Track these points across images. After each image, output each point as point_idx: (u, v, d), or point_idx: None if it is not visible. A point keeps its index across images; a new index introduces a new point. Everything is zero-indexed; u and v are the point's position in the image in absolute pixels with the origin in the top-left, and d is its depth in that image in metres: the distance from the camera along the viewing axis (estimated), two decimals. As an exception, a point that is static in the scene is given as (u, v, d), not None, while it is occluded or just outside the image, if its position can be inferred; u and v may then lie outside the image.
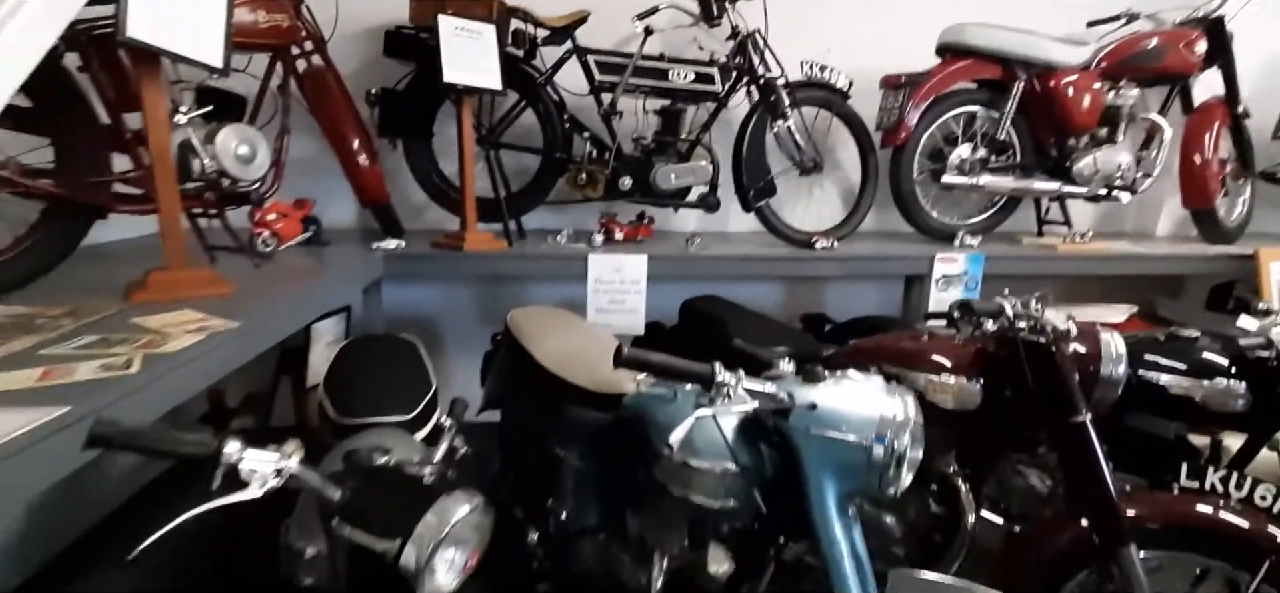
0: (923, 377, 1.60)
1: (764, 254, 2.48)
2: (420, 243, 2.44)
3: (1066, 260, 2.65)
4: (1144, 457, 1.89)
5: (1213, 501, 1.38)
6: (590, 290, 2.38)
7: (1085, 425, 1.39)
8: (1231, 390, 1.64)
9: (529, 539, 1.86)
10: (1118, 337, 1.43)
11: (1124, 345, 1.41)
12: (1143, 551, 1.40)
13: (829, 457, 1.04)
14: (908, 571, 1.13)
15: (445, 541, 0.85)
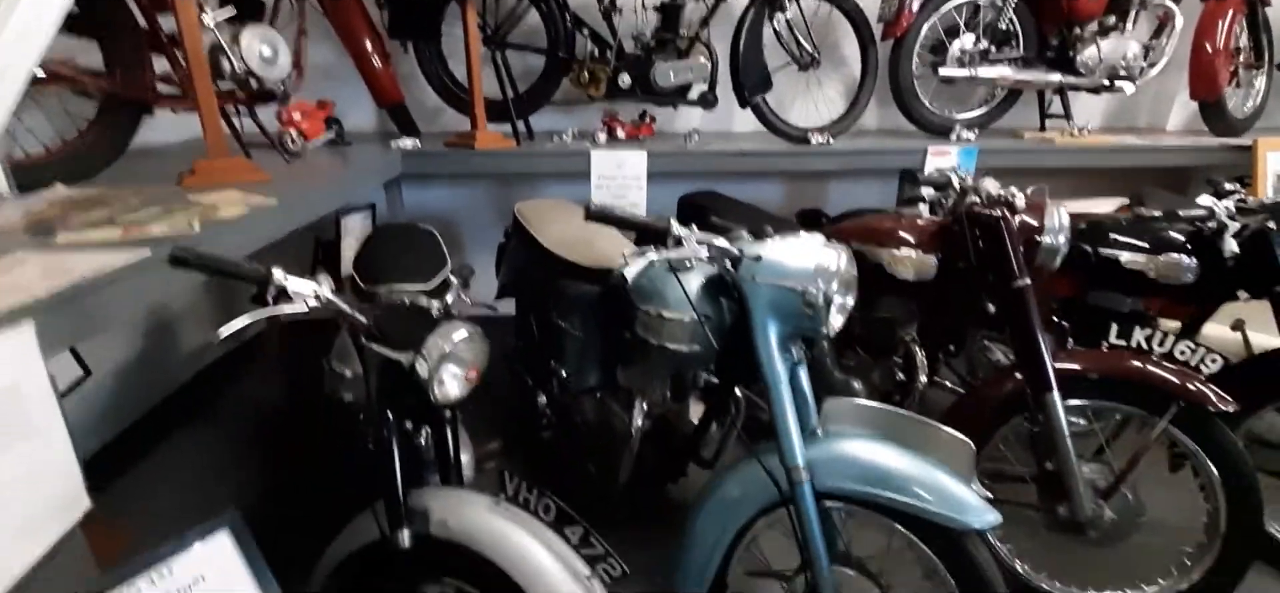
0: (886, 252, 1.77)
1: (761, 149, 2.61)
2: (435, 144, 2.62)
3: (1064, 153, 2.71)
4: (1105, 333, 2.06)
5: (1134, 355, 1.55)
6: (594, 186, 2.55)
7: (1024, 289, 1.55)
8: (1180, 264, 1.77)
9: (538, 402, 2.14)
10: (1063, 209, 1.56)
11: (1067, 217, 1.54)
12: (1070, 400, 1.59)
13: (770, 301, 1.23)
14: (841, 398, 1.34)
15: (449, 356, 1.09)
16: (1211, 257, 1.74)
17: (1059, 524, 1.61)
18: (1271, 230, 1.65)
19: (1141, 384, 1.50)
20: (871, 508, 1.25)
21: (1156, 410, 1.51)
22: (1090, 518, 1.55)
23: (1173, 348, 1.54)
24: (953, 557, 1.22)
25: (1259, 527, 1.49)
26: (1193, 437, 1.51)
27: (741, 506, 1.33)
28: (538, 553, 1.05)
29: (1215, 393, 1.46)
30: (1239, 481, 1.49)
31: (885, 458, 1.23)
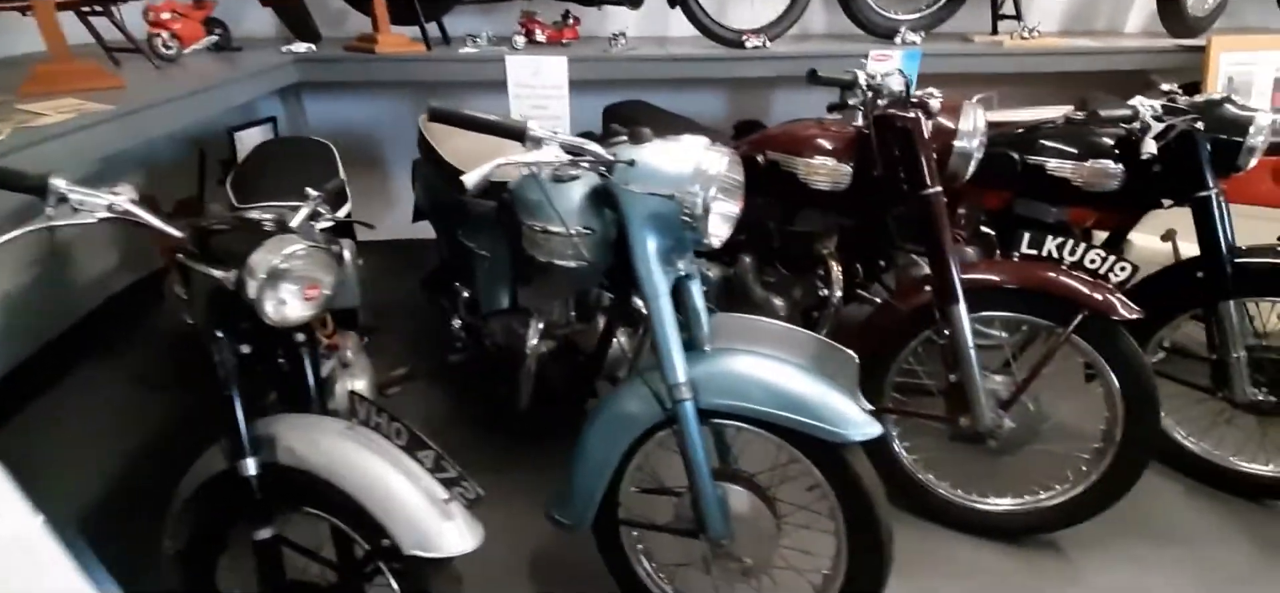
0: (801, 161, 1.70)
1: (691, 54, 2.48)
2: (338, 51, 2.43)
3: (1012, 58, 2.63)
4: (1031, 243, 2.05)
5: (1044, 265, 1.53)
6: (511, 96, 2.41)
7: (933, 197, 1.51)
8: (1105, 170, 1.74)
9: (452, 325, 2.09)
10: (979, 112, 1.49)
11: (983, 121, 1.48)
12: (983, 311, 1.58)
13: (646, 210, 1.17)
14: (729, 314, 1.31)
15: (282, 273, 1.01)
16: (1138, 163, 1.71)
17: (962, 435, 1.63)
18: (1197, 131, 1.61)
19: (1048, 295, 1.49)
20: (754, 424, 1.23)
21: (1063, 321, 1.51)
22: (990, 428, 1.57)
23: (1083, 257, 1.52)
24: (833, 470, 1.22)
25: (1154, 435, 1.52)
26: (1097, 346, 1.52)
27: (627, 425, 1.31)
28: (387, 476, 1.02)
29: (1121, 302, 1.46)
30: (1138, 389, 1.51)
31: (767, 373, 1.21)
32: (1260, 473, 1.82)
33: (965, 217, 1.96)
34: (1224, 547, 1.73)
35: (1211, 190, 1.62)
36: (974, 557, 1.70)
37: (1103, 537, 1.73)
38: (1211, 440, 1.90)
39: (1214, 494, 1.88)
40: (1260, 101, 2.60)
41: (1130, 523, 1.78)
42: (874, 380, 1.71)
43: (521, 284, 1.71)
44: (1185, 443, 1.91)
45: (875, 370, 1.70)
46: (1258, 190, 2.14)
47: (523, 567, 1.66)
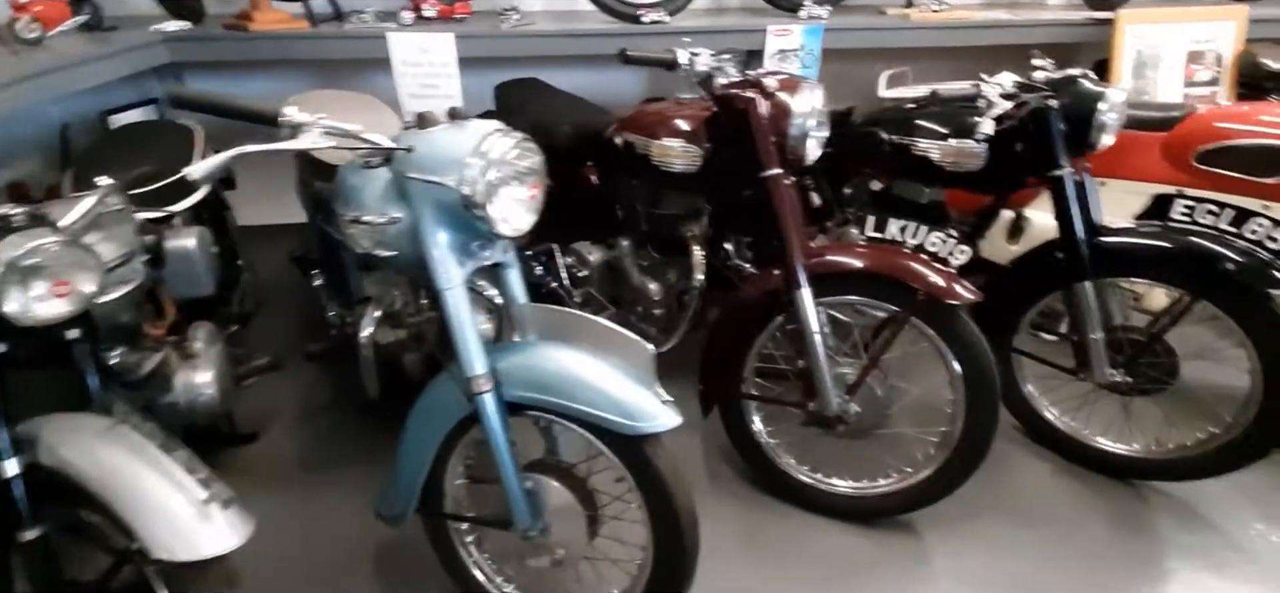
0: (653, 143, 1.68)
1: (586, 30, 2.42)
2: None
3: (920, 31, 2.59)
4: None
5: (886, 250, 1.52)
6: (397, 74, 2.36)
7: (772, 179, 1.49)
8: (966, 149, 1.72)
9: (329, 313, 2.07)
10: (817, 91, 1.46)
11: (821, 100, 1.45)
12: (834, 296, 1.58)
13: (429, 200, 1.15)
14: (542, 305, 1.29)
15: (21, 270, 0.99)
16: (1001, 142, 1.70)
17: (813, 420, 1.64)
18: (1049, 109, 1.60)
19: (888, 279, 1.49)
20: (558, 416, 1.23)
21: (904, 305, 1.50)
22: (838, 413, 1.58)
23: (924, 240, 1.51)
24: (633, 461, 1.22)
25: (993, 420, 1.52)
26: (937, 330, 1.52)
27: (438, 418, 1.30)
28: (140, 478, 1.01)
29: (960, 286, 1.45)
30: (977, 374, 1.51)
31: (570, 366, 1.20)
32: (1123, 452, 1.84)
33: (826, 196, 1.95)
34: (1080, 527, 1.76)
35: (1064, 170, 1.61)
36: (827, 539, 1.72)
37: (960, 518, 1.75)
38: (1080, 419, 1.92)
39: (1081, 473, 1.91)
40: (1170, 77, 2.59)
41: (991, 504, 1.81)
42: (733, 366, 1.71)
43: (366, 272, 1.69)
44: (1056, 422, 1.93)
45: (734, 356, 1.70)
46: (1148, 166, 2.14)
47: (365, 561, 1.66)
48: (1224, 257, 1.49)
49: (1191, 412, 1.82)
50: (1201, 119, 2.03)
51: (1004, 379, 1.98)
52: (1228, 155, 1.96)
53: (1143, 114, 2.12)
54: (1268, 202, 1.92)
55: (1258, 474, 1.83)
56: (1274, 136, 1.88)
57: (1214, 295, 1.55)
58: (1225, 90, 2.61)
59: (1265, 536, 1.73)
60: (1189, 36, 2.54)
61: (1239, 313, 1.53)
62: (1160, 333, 1.66)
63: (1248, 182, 1.93)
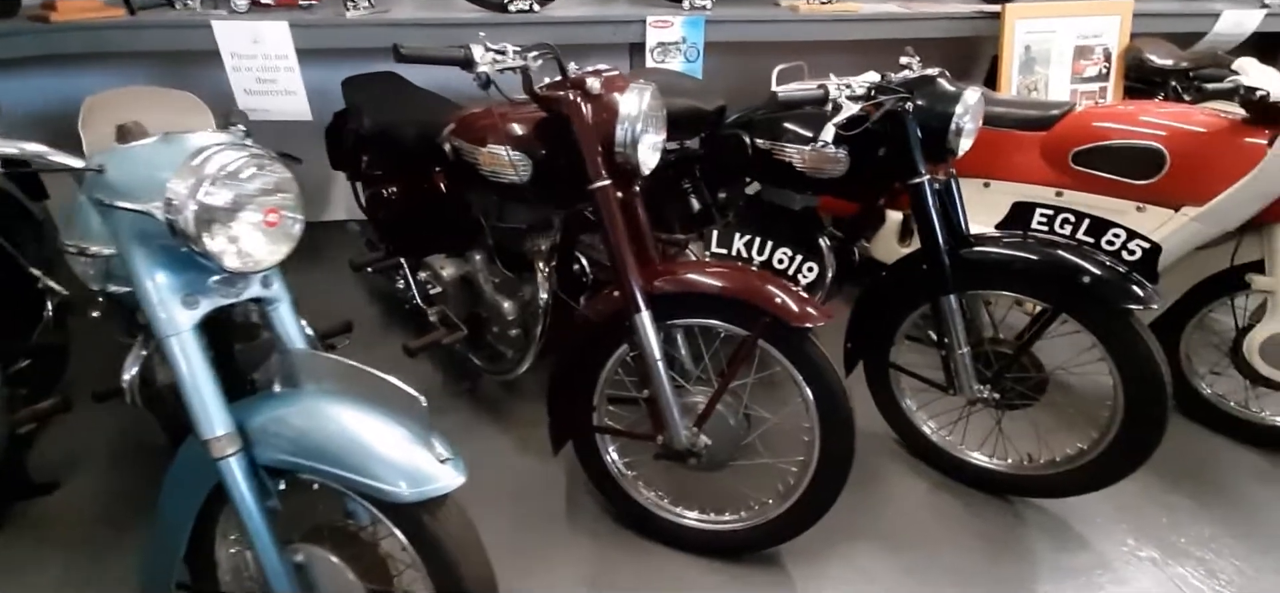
0: (478, 151, 1.51)
1: (443, 20, 2.23)
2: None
3: (809, 24, 2.48)
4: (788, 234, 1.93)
5: (728, 267, 1.39)
6: (229, 68, 2.12)
7: (602, 191, 1.34)
8: (827, 154, 1.61)
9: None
10: (646, 92, 1.32)
11: (650, 100, 1.31)
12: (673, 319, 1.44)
13: (133, 231, 0.96)
14: (307, 351, 1.11)
15: None
16: (863, 146, 1.59)
17: (665, 454, 1.50)
18: (905, 112, 1.50)
19: (730, 299, 1.36)
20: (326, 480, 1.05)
21: (752, 328, 1.38)
22: (687, 446, 1.45)
23: (771, 257, 1.39)
24: (414, 529, 1.06)
25: (849, 450, 1.42)
26: (787, 354, 1.40)
27: (189, 487, 1.11)
28: None
29: (808, 307, 1.34)
30: (829, 400, 1.40)
31: (332, 422, 1.03)
32: (998, 468, 1.78)
33: (705, 200, 1.83)
34: (951, 550, 1.68)
35: (923, 177, 1.52)
36: (683, 577, 1.59)
37: (829, 546, 1.66)
38: (957, 434, 1.85)
39: (958, 490, 1.84)
40: (1059, 72, 2.56)
41: (863, 529, 1.72)
42: (582, 396, 1.56)
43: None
44: (933, 437, 1.86)
45: (582, 385, 1.55)
46: (1028, 167, 2.09)
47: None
48: (1083, 269, 1.42)
49: (1066, 426, 1.78)
50: (1078, 118, 1.98)
51: (883, 393, 1.92)
52: (1103, 156, 1.91)
53: (1022, 113, 2.07)
54: (1142, 204, 1.90)
55: (1133, 487, 1.80)
56: (1148, 137, 1.84)
57: (1074, 309, 1.48)
58: (1113, 86, 2.60)
59: (1135, 552, 1.70)
60: (1076, 31, 2.51)
61: (1098, 328, 1.47)
62: (1026, 346, 1.59)
63: (1122, 183, 1.90)
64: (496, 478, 1.87)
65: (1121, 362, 1.46)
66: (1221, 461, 1.99)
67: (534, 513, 1.76)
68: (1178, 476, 1.92)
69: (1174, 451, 2.01)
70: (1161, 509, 1.82)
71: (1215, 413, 2.07)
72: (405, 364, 2.03)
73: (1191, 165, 1.75)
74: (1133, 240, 1.40)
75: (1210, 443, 2.05)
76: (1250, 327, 1.86)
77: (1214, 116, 1.78)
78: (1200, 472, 1.94)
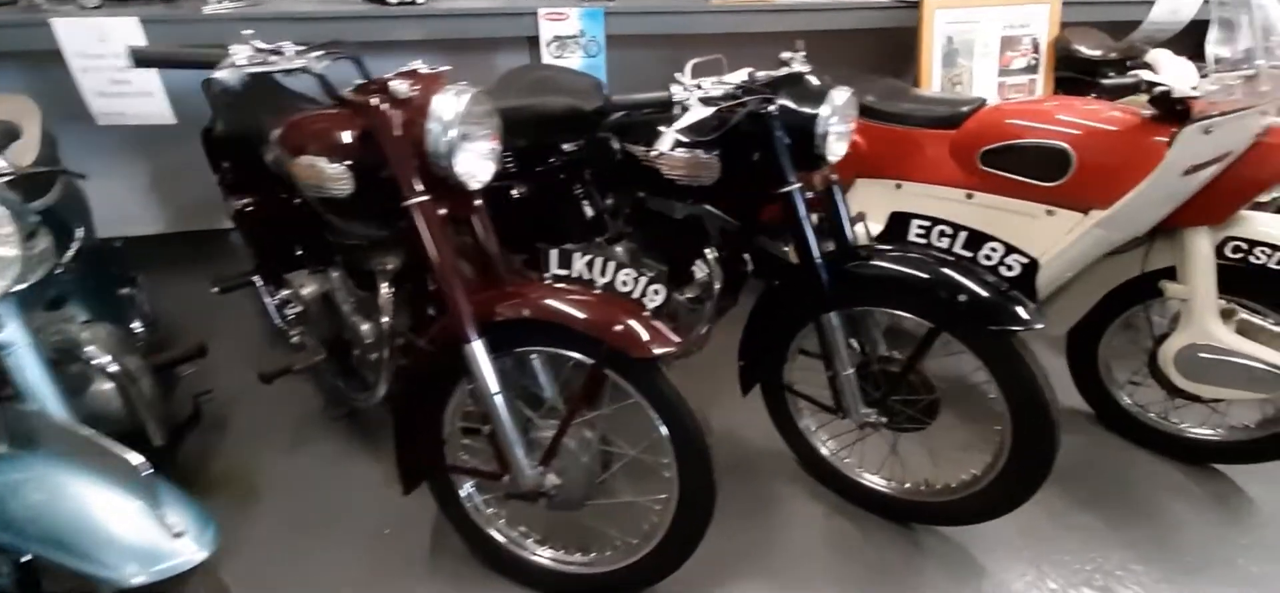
0: (293, 163, 1.35)
1: (317, 12, 2.06)
2: None
3: (717, 16, 2.34)
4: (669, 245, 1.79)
5: (568, 290, 1.26)
6: (76, 70, 1.94)
7: (417, 208, 1.20)
8: (694, 160, 1.48)
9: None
10: (464, 96, 1.17)
11: (464, 104, 1.16)
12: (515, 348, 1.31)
13: None
14: (21, 410, 0.97)
15: None
16: (732, 150, 1.46)
17: (514, 493, 1.37)
18: (769, 115, 1.36)
19: (567, 327, 1.22)
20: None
21: (598, 357, 1.24)
22: (533, 486, 1.31)
23: (615, 278, 1.25)
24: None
25: (709, 488, 1.29)
26: (637, 386, 1.27)
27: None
28: None
29: (656, 336, 1.20)
30: (684, 434, 1.27)
31: (47, 497, 0.88)
32: (895, 494, 1.66)
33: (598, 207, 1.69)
34: (843, 584, 1.57)
35: (792, 185, 1.38)
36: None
37: (713, 580, 1.54)
38: (855, 456, 1.73)
39: (857, 516, 1.73)
40: (984, 65, 2.44)
41: (752, 559, 1.62)
42: (429, 432, 1.42)
43: None
44: (830, 460, 1.74)
45: (428, 420, 1.41)
46: (939, 168, 1.96)
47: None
48: (961, 287, 1.30)
49: (963, 449, 1.66)
50: (987, 116, 1.86)
51: (780, 412, 1.80)
52: (1011, 156, 1.79)
53: (930, 110, 1.94)
54: (1052, 206, 1.78)
55: (1042, 508, 1.70)
56: (1054, 136, 1.72)
57: (955, 329, 1.36)
58: (1042, 79, 2.49)
59: (1039, 582, 1.59)
60: (1002, 21, 2.39)
61: (981, 349, 1.35)
62: (911, 367, 1.47)
63: (1030, 185, 1.78)
64: (361, 513, 1.74)
65: (1006, 385, 1.34)
66: (1139, 476, 1.89)
67: (394, 554, 1.62)
68: (1092, 493, 1.82)
69: (1091, 465, 1.92)
70: (1071, 532, 1.72)
71: (1135, 425, 1.97)
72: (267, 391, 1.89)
73: (1097, 166, 1.64)
74: (1011, 255, 1.28)
75: (1129, 456, 1.95)
76: (1166, 336, 1.76)
77: (1125, 114, 1.66)
78: (1116, 488, 1.85)
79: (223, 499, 1.80)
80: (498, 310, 1.25)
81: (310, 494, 1.80)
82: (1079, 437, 2.02)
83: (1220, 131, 1.42)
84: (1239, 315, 1.73)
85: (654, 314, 1.24)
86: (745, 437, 1.93)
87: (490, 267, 1.35)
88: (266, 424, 2.02)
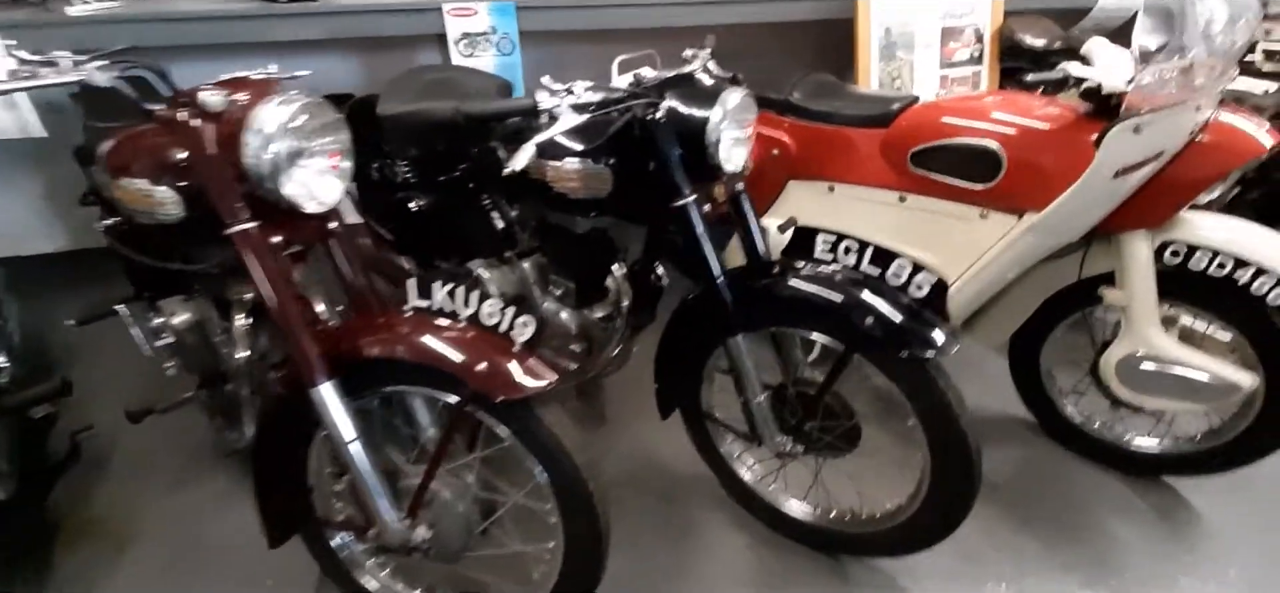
0: (114, 184, 1.20)
1: (195, 12, 1.89)
2: None
3: (645, 9, 2.20)
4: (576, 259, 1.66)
5: (423, 325, 1.12)
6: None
7: (241, 237, 1.05)
8: (585, 171, 1.34)
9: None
10: (289, 107, 1.02)
11: (285, 116, 1.02)
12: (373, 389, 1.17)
13: None
14: None
15: None
16: (625, 159, 1.32)
17: (383, 547, 1.23)
18: (655, 121, 1.22)
19: (423, 366, 1.08)
20: None
21: (462, 396, 1.11)
22: (400, 542, 1.18)
23: (480, 309, 1.11)
24: None
25: (594, 537, 1.16)
26: (510, 427, 1.14)
27: None
28: None
29: (524, 372, 1.07)
30: (563, 479, 1.14)
31: None
32: (818, 524, 1.55)
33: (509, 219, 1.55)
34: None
35: (686, 198, 1.25)
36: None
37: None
38: (779, 482, 1.61)
39: (780, 547, 1.61)
40: (925, 57, 2.33)
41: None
42: (292, 480, 1.28)
43: None
44: (753, 486, 1.62)
45: (290, 467, 1.27)
46: (869, 169, 1.84)
47: None
48: (868, 308, 1.18)
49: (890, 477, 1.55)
50: (918, 113, 1.73)
51: (700, 435, 1.68)
52: (941, 156, 1.67)
53: (858, 108, 1.82)
54: (985, 209, 1.67)
55: (977, 527, 1.60)
56: (984, 135, 1.60)
57: (868, 352, 1.24)
58: (986, 71, 2.38)
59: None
60: (943, 11, 2.28)
61: (893, 373, 1.23)
62: (824, 390, 1.35)
63: (961, 188, 1.66)
64: (242, 561, 1.59)
65: (921, 413, 1.23)
66: (1082, 490, 1.79)
67: None
68: (1032, 510, 1.72)
69: (1033, 479, 1.82)
70: (1006, 555, 1.61)
71: (1079, 435, 1.87)
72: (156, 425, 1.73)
73: (1029, 167, 1.52)
74: (919, 274, 1.16)
75: (1072, 469, 1.86)
76: (1108, 344, 1.66)
77: (1060, 111, 1.55)
78: (1058, 505, 1.75)
79: (91, 546, 1.65)
80: (350, 349, 1.11)
81: (189, 539, 1.65)
82: (1022, 449, 1.92)
83: (1152, 130, 1.31)
84: (1181, 322, 1.64)
85: (527, 347, 1.11)
86: (670, 456, 1.81)
87: (355, 297, 1.21)
88: (151, 462, 1.86)
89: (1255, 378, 1.48)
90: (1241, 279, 1.45)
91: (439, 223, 1.80)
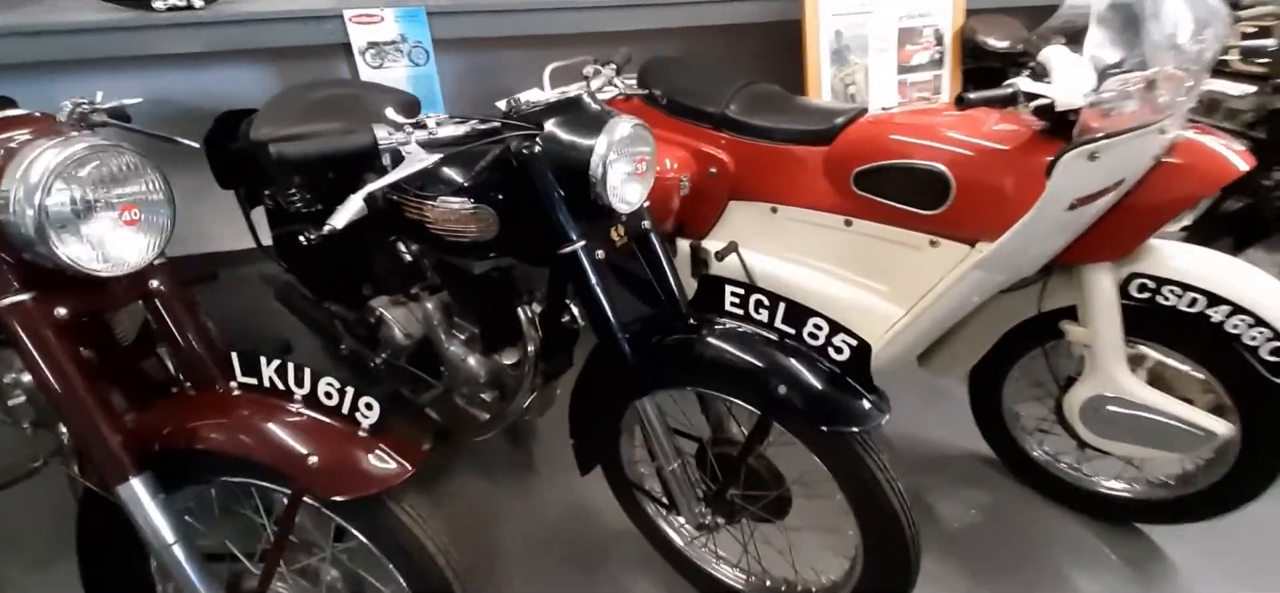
0: None
1: (61, 24, 1.68)
2: None
3: (576, 13, 2.02)
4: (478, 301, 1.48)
5: (260, 405, 0.94)
6: None
7: (13, 311, 0.87)
8: (467, 215, 1.16)
9: None
10: (68, 147, 0.84)
11: (54, 160, 0.83)
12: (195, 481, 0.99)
13: None
14: None
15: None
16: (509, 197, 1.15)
17: (226, 658, 1.06)
18: (532, 155, 1.05)
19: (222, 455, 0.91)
20: None
21: (295, 487, 0.93)
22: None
23: (316, 388, 0.93)
24: None
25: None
26: (356, 522, 0.96)
27: None
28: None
29: (367, 465, 0.90)
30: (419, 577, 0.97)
31: None
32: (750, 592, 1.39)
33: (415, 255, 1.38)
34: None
35: (574, 244, 1.08)
36: None
37: None
38: (711, 547, 1.45)
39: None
40: (881, 62, 2.16)
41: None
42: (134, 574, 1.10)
43: None
44: (683, 548, 1.46)
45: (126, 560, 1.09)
46: (813, 190, 1.68)
47: None
48: (782, 373, 1.01)
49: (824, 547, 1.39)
50: (861, 130, 1.57)
51: (624, 493, 1.50)
52: (886, 178, 1.51)
53: (799, 124, 1.66)
54: (936, 237, 1.51)
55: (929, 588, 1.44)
56: (930, 156, 1.44)
57: (786, 421, 1.08)
58: (948, 75, 2.22)
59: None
60: (899, 11, 2.11)
61: (815, 446, 1.07)
62: (744, 457, 1.19)
63: (909, 213, 1.50)
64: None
65: (847, 490, 1.07)
66: (1049, 538, 1.65)
67: None
68: (994, 562, 1.57)
69: (995, 524, 1.68)
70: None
71: (1045, 476, 1.72)
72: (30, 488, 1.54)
73: (979, 192, 1.36)
74: (837, 336, 0.99)
75: (1038, 514, 1.71)
76: (1073, 381, 1.51)
77: (1015, 130, 1.39)
78: (1022, 555, 1.60)
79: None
80: (172, 434, 0.94)
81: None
82: (984, 491, 1.77)
83: (1110, 155, 1.15)
84: (1151, 361, 1.49)
85: (375, 431, 0.94)
86: (601, 507, 1.64)
87: (187, 365, 1.03)
88: (20, 530, 1.67)
89: (1230, 427, 1.33)
90: (1214, 318, 1.30)
91: (337, 256, 1.63)
